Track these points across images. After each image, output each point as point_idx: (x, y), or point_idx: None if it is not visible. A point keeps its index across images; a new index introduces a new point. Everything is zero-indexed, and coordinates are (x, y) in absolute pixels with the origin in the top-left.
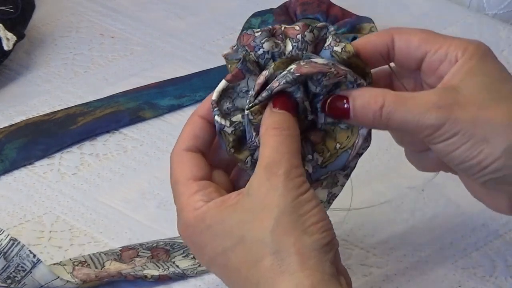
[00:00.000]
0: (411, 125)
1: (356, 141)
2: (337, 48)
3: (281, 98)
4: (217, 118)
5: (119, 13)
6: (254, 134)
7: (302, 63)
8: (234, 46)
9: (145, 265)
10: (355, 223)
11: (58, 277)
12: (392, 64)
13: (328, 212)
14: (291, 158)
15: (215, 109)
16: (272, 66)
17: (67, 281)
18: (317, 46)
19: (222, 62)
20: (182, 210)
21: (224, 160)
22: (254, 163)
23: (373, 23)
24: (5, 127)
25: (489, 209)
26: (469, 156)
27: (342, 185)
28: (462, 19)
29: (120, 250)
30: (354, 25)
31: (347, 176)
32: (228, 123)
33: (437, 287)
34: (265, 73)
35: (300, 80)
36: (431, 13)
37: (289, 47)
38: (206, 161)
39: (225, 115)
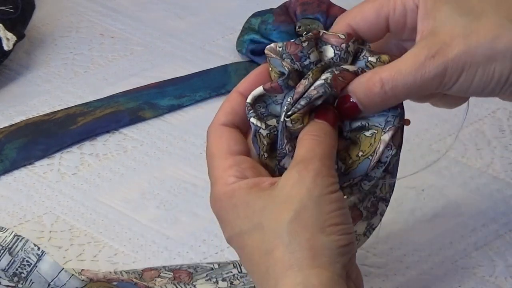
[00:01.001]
0: (418, 86)
1: (377, 147)
2: (372, 59)
3: (323, 111)
4: (252, 120)
5: (119, 13)
6: (285, 141)
7: (336, 72)
8: (280, 46)
9: (165, 285)
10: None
11: (63, 268)
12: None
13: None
14: (323, 158)
15: (251, 112)
16: (311, 75)
17: (72, 274)
18: (354, 56)
19: (222, 62)
20: (215, 183)
21: None
22: (280, 169)
23: None
24: (5, 127)
25: (489, 209)
26: (487, 81)
27: (382, 214)
28: None
29: (142, 270)
30: None
31: (386, 202)
32: (264, 126)
33: (437, 287)
34: (304, 82)
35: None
36: None
37: (330, 53)
38: (243, 137)
39: (260, 118)
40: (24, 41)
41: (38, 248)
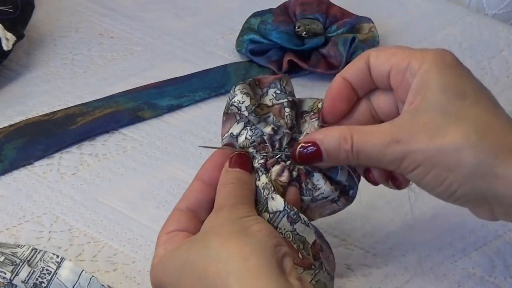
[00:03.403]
0: (378, 161)
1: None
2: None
3: (239, 159)
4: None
5: (118, 13)
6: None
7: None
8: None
9: None
10: (355, 224)
11: (83, 270)
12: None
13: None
14: (238, 200)
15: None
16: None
17: (92, 276)
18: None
19: (222, 62)
20: (152, 260)
21: None
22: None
23: (373, 23)
24: (5, 127)
25: None
26: (437, 184)
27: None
28: (462, 19)
29: None
30: (354, 25)
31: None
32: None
33: (437, 287)
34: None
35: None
36: (430, 13)
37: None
38: (189, 216)
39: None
40: (23, 41)
41: (57, 256)
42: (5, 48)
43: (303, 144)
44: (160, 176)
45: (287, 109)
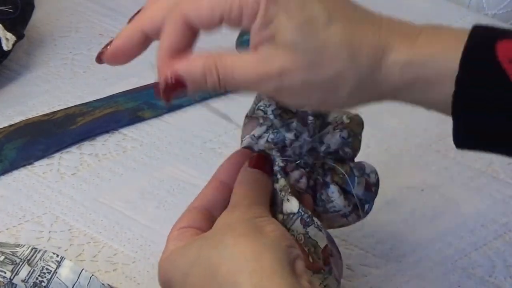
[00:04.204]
0: (249, 90)
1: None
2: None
3: (259, 160)
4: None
5: (118, 13)
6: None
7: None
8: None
9: None
10: (355, 224)
11: (83, 269)
12: None
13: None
14: (254, 200)
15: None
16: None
17: (92, 275)
18: None
19: None
20: (161, 255)
21: None
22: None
23: None
24: (5, 127)
25: (489, 210)
26: (320, 102)
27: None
28: (462, 19)
29: None
30: None
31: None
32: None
33: (437, 287)
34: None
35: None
36: (430, 13)
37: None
38: (204, 215)
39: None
40: (23, 41)
41: (57, 255)
42: (5, 48)
43: (168, 76)
44: (160, 176)
45: (311, 117)
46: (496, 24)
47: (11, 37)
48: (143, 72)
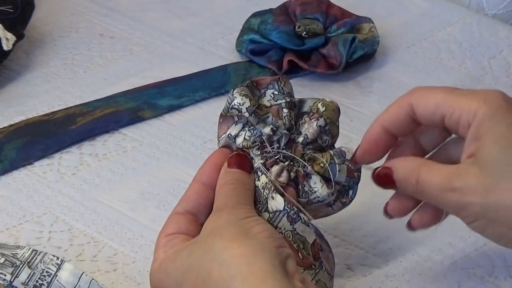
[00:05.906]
0: (438, 202)
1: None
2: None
3: (237, 159)
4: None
5: (118, 13)
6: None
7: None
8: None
9: None
10: (355, 223)
11: (83, 273)
12: None
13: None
14: (238, 200)
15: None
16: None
17: (92, 279)
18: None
19: (222, 62)
20: (152, 264)
21: None
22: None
23: (373, 23)
24: (5, 127)
25: None
26: (499, 238)
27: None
28: (462, 19)
29: None
30: (354, 25)
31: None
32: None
33: (437, 287)
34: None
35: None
36: (430, 13)
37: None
38: (188, 219)
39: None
40: (23, 41)
41: (57, 258)
42: (5, 48)
43: (383, 167)
44: (160, 176)
45: (285, 110)
46: (497, 24)
47: (11, 37)
48: (143, 72)
